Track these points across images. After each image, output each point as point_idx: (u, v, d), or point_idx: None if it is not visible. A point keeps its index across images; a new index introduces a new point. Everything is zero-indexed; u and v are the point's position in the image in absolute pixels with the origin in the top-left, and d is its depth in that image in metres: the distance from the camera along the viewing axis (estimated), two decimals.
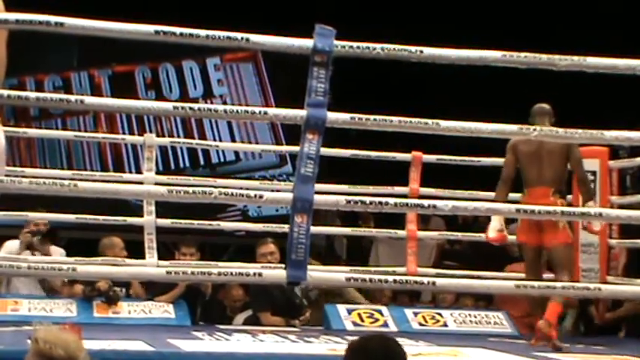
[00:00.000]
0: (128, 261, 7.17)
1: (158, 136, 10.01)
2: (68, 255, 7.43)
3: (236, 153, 11.81)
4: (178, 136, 11.26)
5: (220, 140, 11.49)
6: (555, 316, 6.36)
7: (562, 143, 6.26)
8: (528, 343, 6.34)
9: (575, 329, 7.72)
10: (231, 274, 4.67)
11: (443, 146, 7.20)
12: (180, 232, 8.30)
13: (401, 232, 7.86)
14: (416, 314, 7.46)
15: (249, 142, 11.59)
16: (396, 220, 8.09)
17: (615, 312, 7.67)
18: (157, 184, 7.14)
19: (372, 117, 4.59)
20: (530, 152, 6.53)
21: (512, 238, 6.84)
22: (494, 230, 6.50)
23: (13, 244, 7.42)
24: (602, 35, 9.60)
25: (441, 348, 5.99)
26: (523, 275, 6.74)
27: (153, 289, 7.38)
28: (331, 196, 4.79)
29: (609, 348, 6.38)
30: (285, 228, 4.82)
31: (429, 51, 4.56)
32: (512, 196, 7.08)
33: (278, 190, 7.08)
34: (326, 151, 5.01)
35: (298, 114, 4.46)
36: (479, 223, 9.39)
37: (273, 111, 5.37)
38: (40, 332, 2.36)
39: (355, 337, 3.00)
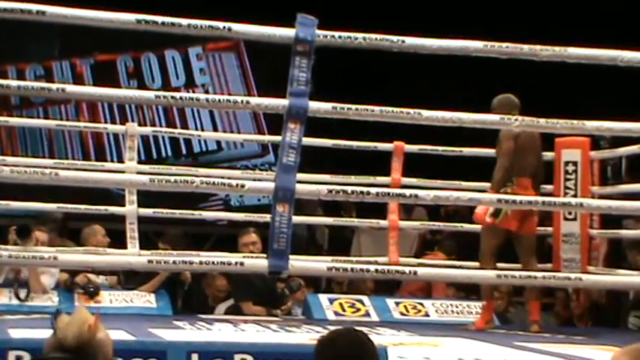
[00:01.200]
0: (109, 250, 7.17)
1: (140, 125, 10.00)
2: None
3: (218, 142, 11.79)
4: (160, 126, 11.24)
5: (202, 130, 11.47)
6: (538, 313, 6.80)
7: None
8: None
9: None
10: (213, 263, 4.67)
11: (425, 136, 7.20)
12: (162, 221, 8.29)
13: (383, 222, 7.87)
14: (397, 304, 7.48)
15: (232, 132, 11.57)
16: (377, 210, 8.10)
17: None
18: (138, 173, 7.12)
19: (353, 107, 4.60)
20: (522, 142, 6.60)
21: None
22: (489, 214, 6.63)
23: None
24: (594, 30, 9.62)
25: (422, 338, 6.00)
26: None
27: (134, 279, 7.37)
28: (313, 185, 4.79)
29: (590, 338, 6.41)
30: (267, 218, 4.82)
31: (411, 41, 4.57)
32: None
33: (260, 180, 7.07)
34: (308, 140, 5.01)
35: (280, 103, 4.46)
36: (460, 213, 9.42)
37: (255, 100, 5.37)
38: (68, 316, 2.51)
39: (325, 331, 3.00)
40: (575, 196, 7.36)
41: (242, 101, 4.87)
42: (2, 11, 4.15)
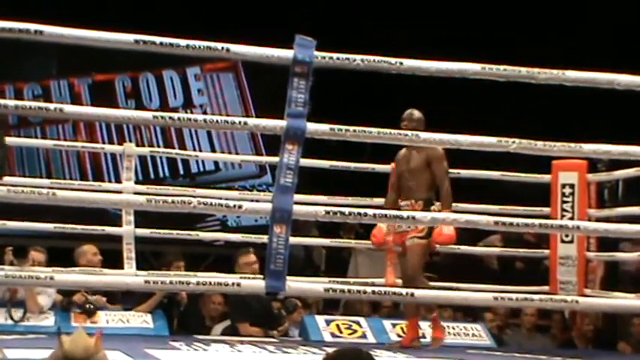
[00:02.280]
0: (106, 270, 7.15)
1: (138, 145, 9.99)
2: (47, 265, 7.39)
3: (216, 163, 11.80)
4: (158, 146, 11.24)
5: (200, 150, 11.48)
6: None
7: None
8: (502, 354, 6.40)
9: None
10: (210, 283, 4.66)
11: None
12: (159, 242, 8.28)
13: None
14: (394, 325, 7.46)
15: (229, 152, 11.58)
16: None
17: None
18: (136, 193, 7.12)
19: (351, 128, 4.61)
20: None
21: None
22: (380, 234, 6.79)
23: None
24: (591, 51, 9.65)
25: None
26: None
27: (131, 300, 7.35)
28: (310, 206, 4.79)
29: None
30: (264, 238, 4.81)
31: (409, 63, 4.58)
32: (489, 208, 7.14)
33: (257, 201, 7.07)
34: (305, 161, 5.01)
35: (278, 124, 4.47)
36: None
37: (252, 121, 5.36)
38: (73, 334, 2.54)
39: (331, 349, 3.00)
40: (572, 218, 7.36)
41: (240, 122, 4.87)
42: (0, 31, 4.15)
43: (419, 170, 6.73)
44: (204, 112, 11.62)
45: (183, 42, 4.39)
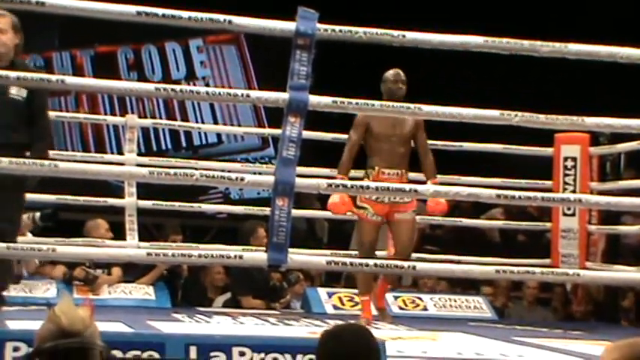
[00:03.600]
0: (108, 242, 7.16)
1: (140, 117, 9.99)
2: (48, 235, 7.40)
3: (218, 135, 11.79)
4: (161, 118, 11.23)
5: (203, 122, 11.47)
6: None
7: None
8: None
9: None
10: (212, 256, 4.68)
11: (427, 131, 7.19)
12: (161, 214, 8.28)
13: None
14: (396, 298, 7.48)
15: (232, 125, 11.57)
16: None
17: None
18: (138, 165, 7.12)
19: (353, 100, 4.60)
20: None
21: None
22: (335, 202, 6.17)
23: None
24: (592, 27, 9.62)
25: (420, 332, 6.01)
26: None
27: (133, 272, 7.37)
28: (312, 179, 4.79)
29: (587, 333, 6.42)
30: (266, 211, 4.82)
31: (412, 35, 4.57)
32: (491, 181, 7.14)
33: (260, 173, 7.07)
34: (308, 134, 5.01)
35: (280, 97, 4.46)
36: (460, 208, 9.42)
37: (255, 93, 5.37)
38: (58, 304, 2.47)
39: (339, 322, 3.02)
40: (574, 191, 7.36)
41: (242, 94, 4.87)
42: (2, 2, 4.15)
43: (410, 137, 6.35)
44: (207, 85, 11.60)
45: (185, 14, 4.38)
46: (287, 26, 4.42)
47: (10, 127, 5.09)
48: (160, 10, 4.37)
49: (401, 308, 7.34)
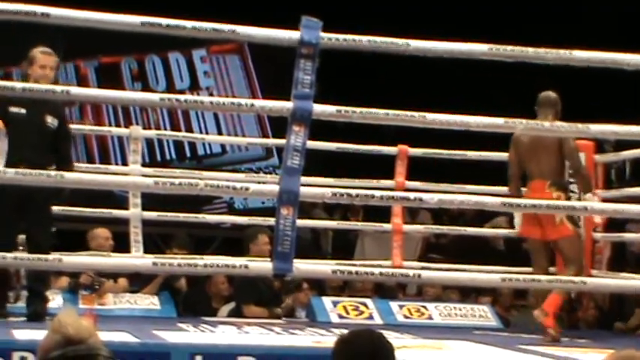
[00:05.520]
0: (113, 254, 7.16)
1: (144, 128, 10.00)
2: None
3: (222, 145, 11.80)
4: (165, 129, 11.24)
5: (207, 133, 11.48)
6: (553, 307, 6.41)
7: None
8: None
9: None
10: (218, 265, 4.68)
11: (431, 140, 7.19)
12: (166, 224, 8.28)
13: (386, 226, 7.86)
14: (401, 307, 7.47)
15: (236, 135, 11.58)
16: (381, 214, 8.09)
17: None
18: (143, 176, 7.12)
19: (357, 109, 4.60)
20: (528, 145, 6.51)
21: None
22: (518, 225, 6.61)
23: None
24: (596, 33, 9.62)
25: (426, 341, 6.00)
26: None
27: (137, 282, 7.37)
28: (317, 188, 4.79)
29: (594, 342, 6.41)
30: (271, 221, 4.82)
31: (416, 44, 4.57)
32: (496, 189, 7.14)
33: (264, 183, 7.07)
34: (312, 144, 5.01)
35: (284, 106, 4.46)
36: (464, 217, 9.43)
37: (259, 103, 5.37)
38: (60, 314, 2.50)
39: (344, 331, 3.02)
40: (579, 199, 7.35)
41: (246, 104, 4.88)
42: (7, 13, 4.15)
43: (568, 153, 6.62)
44: (211, 95, 11.61)
45: (189, 24, 4.39)
46: (291, 35, 4.42)
47: (46, 152, 5.91)
48: (164, 21, 4.38)
49: (406, 317, 7.33)
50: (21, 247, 6.24)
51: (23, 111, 5.93)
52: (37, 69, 6.05)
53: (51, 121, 6.03)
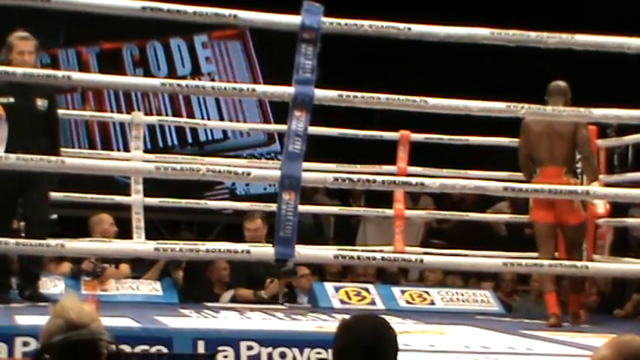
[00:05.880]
0: (115, 240, 7.16)
1: (146, 114, 9.99)
2: (56, 233, 7.40)
3: (224, 131, 11.78)
4: (166, 115, 11.23)
5: (208, 118, 11.46)
6: (578, 306, 6.77)
7: (570, 122, 6.22)
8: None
9: None
10: (219, 251, 4.68)
11: (433, 124, 7.18)
12: (168, 210, 8.28)
13: (388, 211, 7.85)
14: (403, 292, 7.48)
15: (237, 121, 11.56)
16: (383, 200, 8.09)
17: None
18: (144, 162, 7.12)
19: (359, 94, 4.59)
20: (539, 132, 6.48)
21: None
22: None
23: None
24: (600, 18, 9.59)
25: (428, 326, 6.01)
26: None
27: (140, 268, 7.37)
28: (319, 173, 4.79)
29: (595, 327, 6.41)
30: (273, 206, 4.82)
31: (418, 28, 4.56)
32: (498, 174, 7.13)
33: (266, 168, 7.06)
34: (314, 129, 5.01)
35: (286, 91, 4.46)
36: (466, 202, 9.42)
37: (261, 88, 5.36)
38: (63, 299, 2.53)
39: (346, 316, 3.02)
40: (581, 184, 7.35)
41: (248, 89, 4.87)
42: None
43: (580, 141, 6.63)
44: (212, 80, 11.58)
45: (190, 9, 4.38)
46: (292, 20, 4.41)
47: (38, 136, 5.89)
48: (165, 6, 4.37)
49: (408, 302, 7.34)
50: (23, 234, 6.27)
51: (12, 100, 5.92)
52: (16, 55, 5.95)
53: (41, 103, 6.04)
